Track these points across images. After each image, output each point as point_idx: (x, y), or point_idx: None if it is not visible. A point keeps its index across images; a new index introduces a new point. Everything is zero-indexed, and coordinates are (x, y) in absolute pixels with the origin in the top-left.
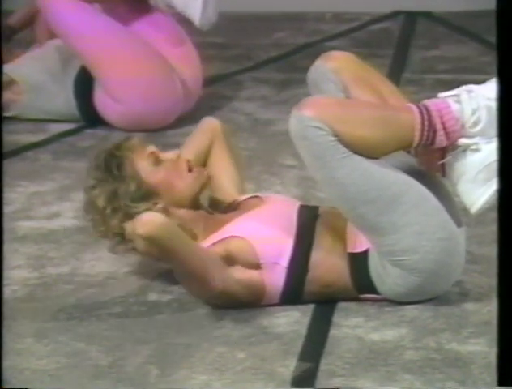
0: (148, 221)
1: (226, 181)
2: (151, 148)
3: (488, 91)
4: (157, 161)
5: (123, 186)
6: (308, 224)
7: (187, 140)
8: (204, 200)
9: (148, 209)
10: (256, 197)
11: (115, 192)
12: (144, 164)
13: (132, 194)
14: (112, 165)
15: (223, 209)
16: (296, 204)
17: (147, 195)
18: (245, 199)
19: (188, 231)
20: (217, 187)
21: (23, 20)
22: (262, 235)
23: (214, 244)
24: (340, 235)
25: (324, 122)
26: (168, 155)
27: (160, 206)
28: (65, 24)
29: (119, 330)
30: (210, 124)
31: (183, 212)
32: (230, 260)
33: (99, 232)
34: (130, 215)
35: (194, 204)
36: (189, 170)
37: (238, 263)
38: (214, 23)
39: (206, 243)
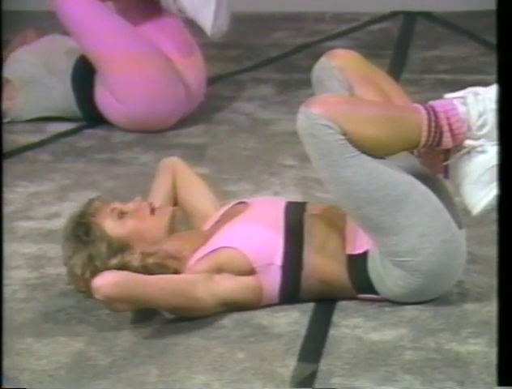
0: (100, 285)
1: (200, 203)
2: (113, 204)
3: (494, 94)
4: (121, 214)
5: (94, 249)
6: (296, 219)
7: (152, 186)
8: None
9: (126, 260)
10: (240, 203)
11: (90, 256)
12: (109, 222)
13: (105, 253)
14: (80, 233)
15: (206, 224)
16: (282, 202)
17: (121, 249)
18: (229, 208)
19: (176, 260)
20: (194, 213)
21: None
22: (251, 239)
23: (204, 257)
24: (332, 228)
25: (333, 121)
26: (130, 205)
27: (136, 254)
28: (75, 20)
29: (119, 330)
30: (166, 163)
31: (166, 247)
32: (222, 271)
33: (85, 295)
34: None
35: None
36: (152, 212)
37: (231, 273)
38: (225, 32)
39: (195, 257)
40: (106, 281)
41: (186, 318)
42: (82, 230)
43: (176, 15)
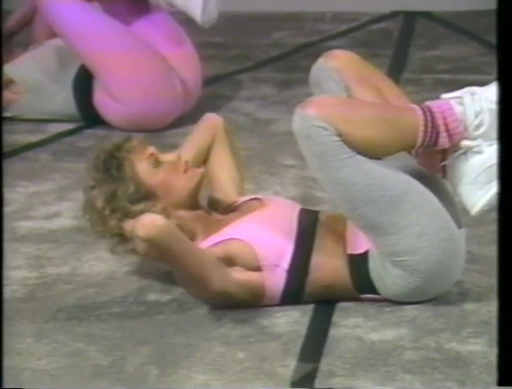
0: (149, 223)
1: (226, 180)
2: (151, 150)
3: (491, 94)
4: (157, 163)
5: (122, 187)
6: (308, 227)
7: (188, 136)
8: (203, 200)
9: (146, 210)
10: (256, 199)
11: (114, 193)
12: (143, 166)
13: (131, 195)
14: (111, 166)
15: (222, 210)
16: (297, 207)
17: (146, 197)
18: (246, 201)
19: (187, 231)
20: (217, 187)
21: (21, 21)
22: (263, 238)
23: (214, 245)
24: (340, 237)
25: (328, 122)
26: (168, 156)
27: (158, 207)
28: (65, 23)
29: (119, 330)
30: (212, 121)
31: (182, 213)
32: (230, 262)
33: (97, 233)
34: (129, 216)
35: (192, 204)
36: (185, 171)
37: (238, 265)
38: (215, 19)
39: (205, 244)
40: (155, 222)
41: (192, 293)
42: (114, 163)
43: (165, 10)
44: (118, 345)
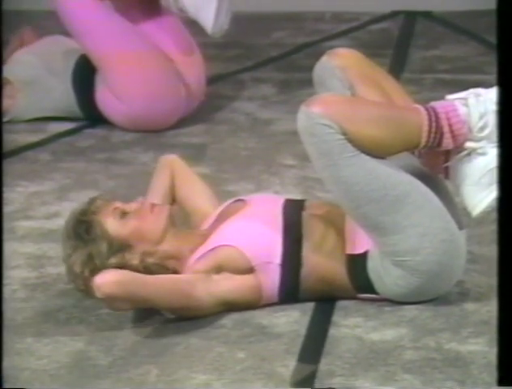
0: (101, 283)
1: (199, 201)
2: (115, 204)
3: (495, 96)
4: (123, 214)
5: (95, 248)
6: (294, 217)
7: (151, 185)
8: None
9: (126, 260)
10: (239, 200)
11: (90, 255)
12: (111, 221)
13: (105, 252)
14: (81, 231)
15: (205, 224)
16: (281, 200)
17: (121, 249)
18: (228, 205)
19: (179, 259)
20: (193, 211)
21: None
22: (250, 238)
23: (202, 256)
24: (331, 226)
25: (333, 120)
26: (132, 205)
27: (138, 253)
28: (75, 20)
29: (119, 330)
30: (165, 160)
31: (164, 247)
32: (221, 270)
33: (83, 293)
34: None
35: (171, 235)
36: (152, 211)
37: (230, 271)
38: (225, 30)
39: (194, 257)
40: (107, 279)
41: (186, 317)
42: (83, 228)
43: (175, 14)
44: (118, 345)
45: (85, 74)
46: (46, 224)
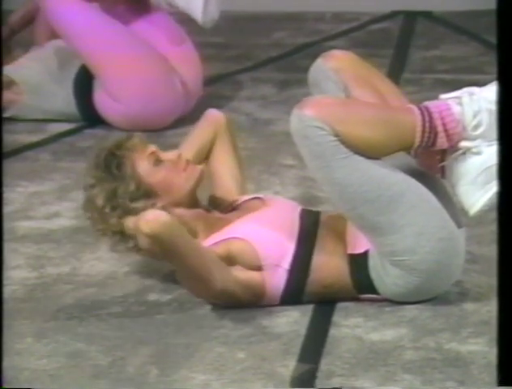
0: (153, 219)
1: (228, 179)
2: (152, 148)
3: (489, 94)
4: (157, 161)
5: (122, 186)
6: (310, 228)
7: (190, 132)
8: (204, 198)
9: (147, 208)
10: (257, 198)
11: (114, 191)
12: (144, 164)
13: (131, 193)
14: (112, 165)
15: (223, 208)
16: (298, 208)
17: (146, 195)
18: (247, 200)
19: (187, 230)
20: (219, 185)
21: (23, 20)
22: (264, 237)
23: (215, 244)
24: (341, 237)
25: (325, 122)
26: (169, 155)
27: (158, 205)
28: (66, 23)
29: (119, 330)
30: (214, 117)
31: (181, 211)
32: (231, 261)
33: (98, 231)
34: (129, 214)
35: (192, 202)
36: (185, 169)
37: (239, 264)
38: (216, 20)
39: (207, 242)
40: (158, 218)
41: (192, 290)
42: (114, 162)
43: (165, 10)
44: (118, 345)
45: (86, 80)
46: (46, 224)
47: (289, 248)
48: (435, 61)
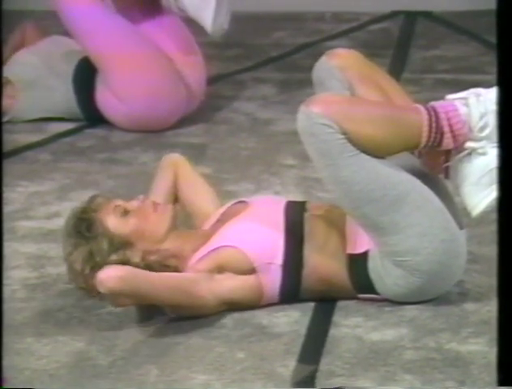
0: (106, 278)
1: (201, 203)
2: (116, 202)
3: (496, 96)
4: (124, 212)
5: (96, 245)
6: (296, 219)
7: (153, 184)
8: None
9: (127, 258)
10: (240, 202)
11: (90, 252)
12: (112, 219)
13: (106, 250)
14: (82, 229)
15: (206, 224)
16: (282, 201)
17: (122, 246)
18: (230, 206)
19: (179, 258)
20: (195, 211)
21: (10, 52)
22: (251, 239)
23: (204, 256)
24: (332, 227)
25: (332, 120)
26: (133, 203)
27: (139, 251)
28: (76, 21)
29: (119, 330)
30: (168, 159)
31: (166, 245)
32: (223, 270)
33: (82, 291)
34: None
35: (173, 236)
36: (155, 210)
37: (231, 272)
38: (225, 29)
39: (196, 256)
40: (110, 274)
41: (187, 316)
42: (83, 226)
43: (176, 14)
44: (118, 345)
45: (86, 75)
46: (46, 224)
47: (278, 243)
48: (435, 61)
